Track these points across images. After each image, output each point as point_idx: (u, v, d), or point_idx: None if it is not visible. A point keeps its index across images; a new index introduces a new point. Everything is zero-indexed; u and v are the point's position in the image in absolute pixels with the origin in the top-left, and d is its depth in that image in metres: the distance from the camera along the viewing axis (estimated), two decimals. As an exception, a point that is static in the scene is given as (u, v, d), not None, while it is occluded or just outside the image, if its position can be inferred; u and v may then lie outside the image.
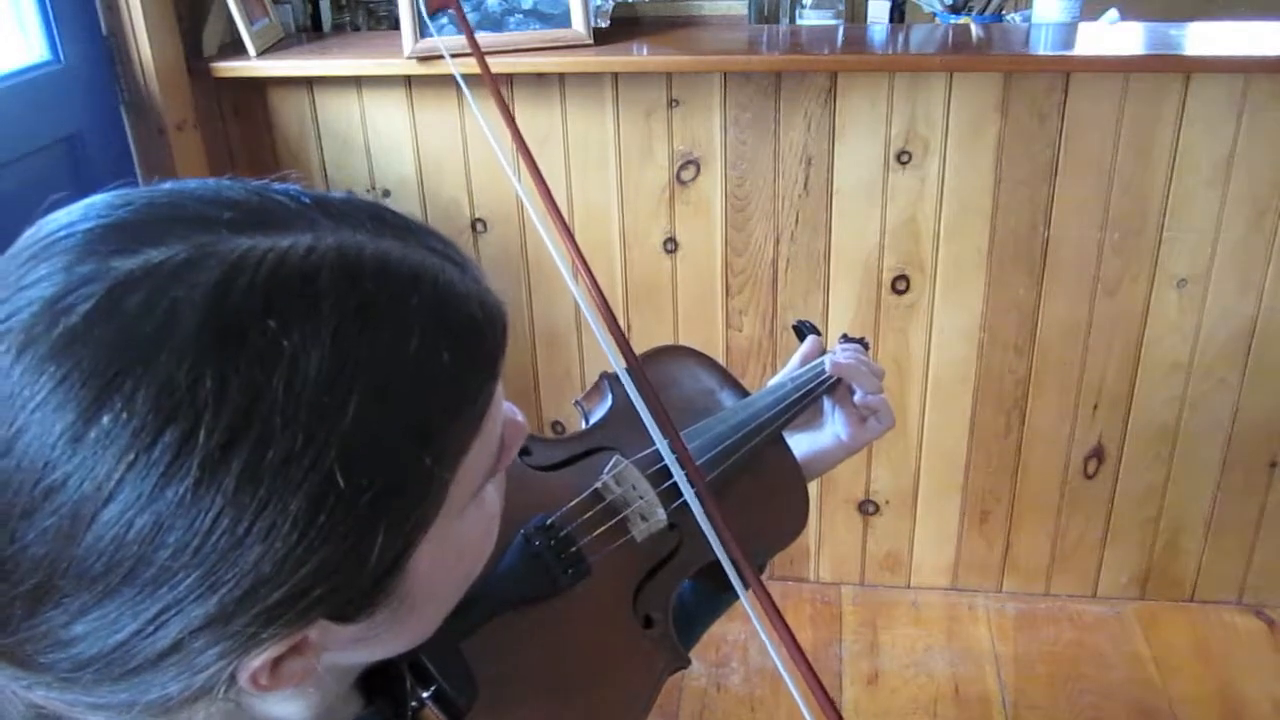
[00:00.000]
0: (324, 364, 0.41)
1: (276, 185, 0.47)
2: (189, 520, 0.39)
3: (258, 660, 0.44)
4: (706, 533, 0.65)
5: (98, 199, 0.45)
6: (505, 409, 0.53)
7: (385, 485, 0.42)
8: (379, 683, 0.60)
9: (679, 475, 0.70)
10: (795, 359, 0.96)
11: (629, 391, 0.70)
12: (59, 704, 0.46)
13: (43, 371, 0.39)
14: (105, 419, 0.38)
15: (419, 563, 0.47)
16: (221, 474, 0.39)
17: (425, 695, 0.58)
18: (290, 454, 0.40)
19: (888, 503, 2.17)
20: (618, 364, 0.72)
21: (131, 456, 0.38)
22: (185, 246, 0.41)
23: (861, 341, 0.97)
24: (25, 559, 0.40)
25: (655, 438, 0.70)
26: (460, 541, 0.51)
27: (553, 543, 0.67)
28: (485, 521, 0.53)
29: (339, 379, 0.41)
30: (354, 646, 0.50)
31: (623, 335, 0.70)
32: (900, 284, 1.96)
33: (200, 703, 0.46)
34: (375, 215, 0.47)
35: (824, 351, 0.96)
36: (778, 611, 0.60)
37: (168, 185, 0.46)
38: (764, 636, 0.61)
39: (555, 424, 2.19)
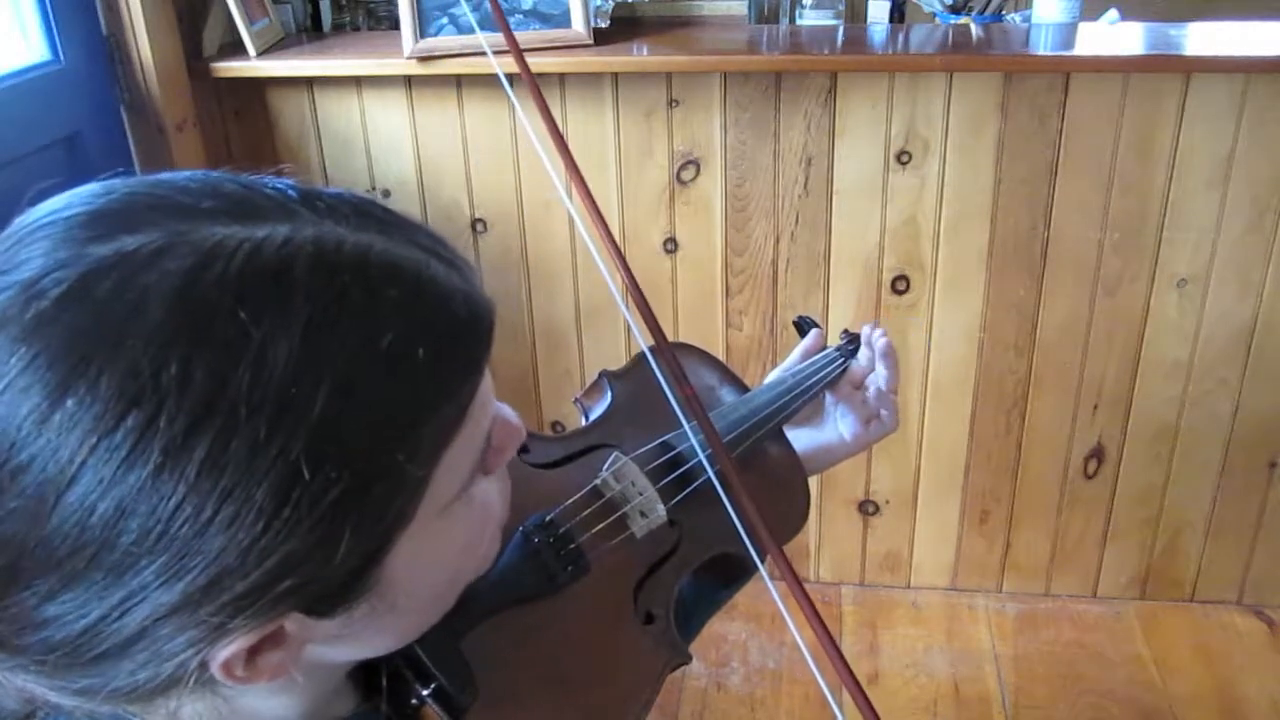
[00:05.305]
0: (293, 355, 0.40)
1: (267, 179, 0.47)
2: (151, 506, 0.39)
3: (227, 651, 0.44)
4: (725, 503, 0.65)
5: (85, 188, 0.45)
6: (499, 410, 0.52)
7: (354, 480, 0.42)
8: (378, 680, 0.59)
9: (697, 446, 0.69)
10: (796, 353, 0.96)
11: (654, 370, 0.70)
12: (41, 689, 0.46)
13: (13, 353, 0.39)
14: (70, 402, 0.38)
15: (398, 560, 0.47)
16: (184, 460, 0.39)
17: (425, 693, 0.58)
18: (255, 444, 0.40)
19: (888, 503, 2.17)
20: (645, 345, 0.72)
21: (94, 440, 0.38)
22: (161, 234, 0.41)
23: (859, 336, 0.97)
24: None
25: (680, 416, 0.69)
26: (446, 541, 0.50)
27: (552, 540, 0.67)
28: (476, 522, 0.52)
29: (307, 371, 0.41)
30: (336, 642, 0.49)
31: (656, 323, 0.69)
32: (900, 284, 1.96)
33: (175, 692, 0.46)
34: (361, 209, 0.47)
35: (825, 346, 0.96)
36: (798, 580, 0.60)
37: (156, 176, 0.46)
38: (783, 609, 0.60)
39: (555, 424, 2.19)
